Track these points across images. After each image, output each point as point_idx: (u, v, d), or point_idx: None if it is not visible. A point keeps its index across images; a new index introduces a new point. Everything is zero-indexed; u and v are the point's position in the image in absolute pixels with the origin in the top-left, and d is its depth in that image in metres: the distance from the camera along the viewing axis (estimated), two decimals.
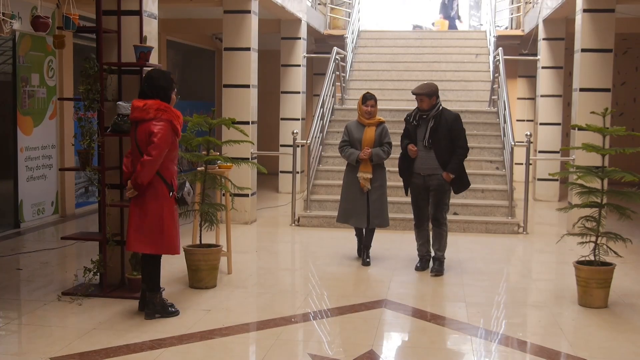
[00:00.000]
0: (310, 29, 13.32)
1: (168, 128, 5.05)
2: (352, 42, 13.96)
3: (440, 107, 6.77)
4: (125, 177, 5.25)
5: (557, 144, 12.17)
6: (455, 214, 9.42)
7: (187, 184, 5.38)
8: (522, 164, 10.23)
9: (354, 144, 7.14)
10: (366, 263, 7.22)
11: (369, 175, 7.09)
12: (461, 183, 6.83)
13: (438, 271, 6.80)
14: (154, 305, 5.22)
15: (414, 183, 6.81)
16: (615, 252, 5.80)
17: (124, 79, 6.01)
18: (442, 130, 6.65)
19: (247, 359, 4.77)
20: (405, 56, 13.99)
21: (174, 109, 5.16)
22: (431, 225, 6.91)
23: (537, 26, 12.33)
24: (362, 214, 7.13)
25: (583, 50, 8.95)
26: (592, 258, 5.78)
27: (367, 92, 7.42)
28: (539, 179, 12.23)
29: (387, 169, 7.37)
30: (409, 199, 9.79)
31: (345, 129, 7.30)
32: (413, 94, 6.86)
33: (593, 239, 5.80)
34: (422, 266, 6.99)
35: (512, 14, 15.50)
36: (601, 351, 4.76)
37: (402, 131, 6.99)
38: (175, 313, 5.28)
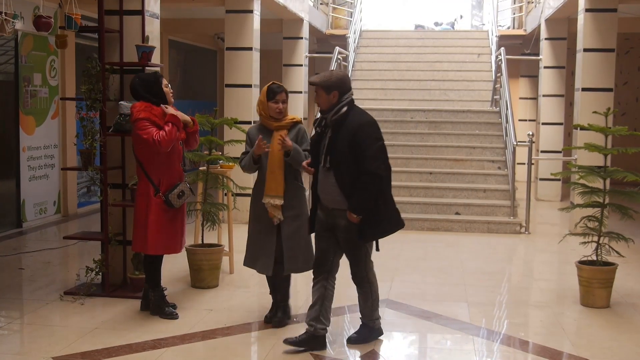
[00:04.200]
0: (312, 29, 13.32)
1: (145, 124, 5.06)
2: (354, 42, 13.95)
3: (344, 109, 4.49)
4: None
5: (559, 144, 12.16)
6: (457, 213, 9.42)
7: (181, 186, 5.24)
8: (524, 163, 10.21)
9: (258, 158, 5.01)
10: (280, 323, 5.12)
11: (279, 201, 4.88)
12: (373, 228, 4.50)
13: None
14: (151, 301, 5.28)
15: (318, 216, 4.71)
16: (617, 252, 5.79)
17: (126, 79, 6.00)
18: (342, 145, 4.43)
19: (249, 358, 4.76)
20: (407, 56, 13.99)
21: (154, 108, 5.13)
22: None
23: (539, 26, 12.32)
24: (270, 256, 5.00)
25: (585, 50, 8.93)
26: (594, 258, 5.78)
27: (274, 83, 5.21)
28: (541, 179, 12.22)
29: None
30: (409, 198, 9.94)
31: (247, 136, 5.18)
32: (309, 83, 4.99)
33: (595, 238, 5.79)
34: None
35: (514, 14, 15.49)
36: (603, 351, 4.75)
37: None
38: (172, 316, 5.22)
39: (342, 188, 4.44)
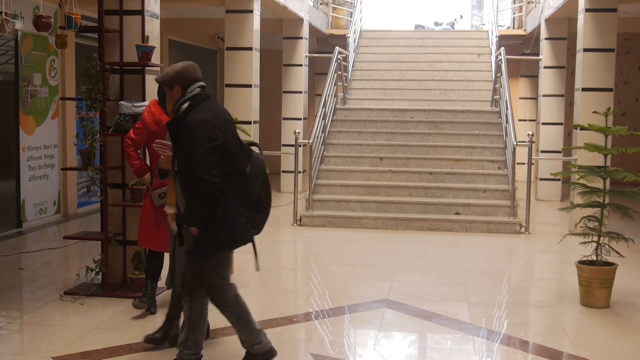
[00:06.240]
0: (312, 29, 13.32)
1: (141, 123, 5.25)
2: (354, 42, 13.95)
3: (185, 106, 3.96)
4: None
5: (559, 144, 12.16)
6: (457, 213, 9.42)
7: (165, 188, 5.26)
8: (524, 163, 10.22)
9: None
10: (156, 341, 4.58)
11: (171, 210, 4.27)
12: (206, 243, 3.92)
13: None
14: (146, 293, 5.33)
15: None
16: (617, 252, 5.79)
17: (126, 79, 6.00)
18: (180, 148, 3.93)
19: None
20: (407, 56, 14.00)
21: (159, 111, 5.16)
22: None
23: (539, 26, 12.32)
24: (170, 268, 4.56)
25: (585, 50, 8.94)
26: (594, 258, 5.78)
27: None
28: (541, 179, 12.23)
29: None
30: (409, 198, 9.95)
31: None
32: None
33: (595, 238, 5.79)
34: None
35: (514, 14, 15.50)
36: (603, 351, 4.75)
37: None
38: (139, 307, 5.22)
39: (184, 193, 3.96)
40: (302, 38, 12.40)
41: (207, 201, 3.82)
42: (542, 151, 12.21)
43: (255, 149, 4.22)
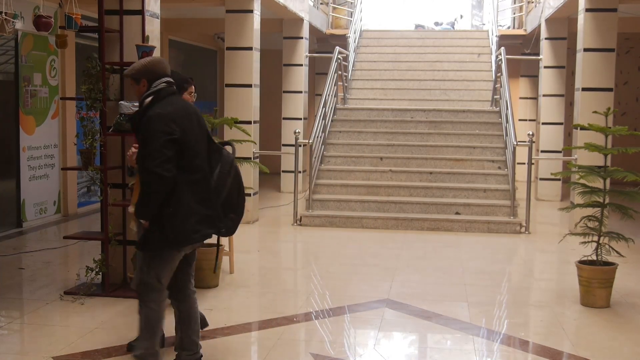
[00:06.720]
0: (313, 29, 13.32)
1: None
2: (354, 42, 13.95)
3: (148, 100, 3.93)
4: None
5: (560, 144, 12.16)
6: (457, 213, 9.42)
7: None
8: (524, 163, 10.22)
9: None
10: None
11: (133, 209, 4.10)
12: (154, 237, 3.84)
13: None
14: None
15: None
16: (617, 252, 5.79)
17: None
18: (140, 140, 3.93)
19: (249, 358, 4.77)
20: (408, 56, 14.00)
21: None
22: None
23: (539, 26, 12.32)
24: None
25: (585, 49, 8.93)
26: (594, 258, 5.78)
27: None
28: (541, 179, 12.23)
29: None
30: (409, 198, 9.95)
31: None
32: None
33: (595, 238, 5.79)
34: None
35: (514, 14, 15.50)
36: (603, 351, 4.75)
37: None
38: None
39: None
40: (302, 38, 12.40)
41: (158, 195, 3.75)
42: (542, 151, 12.21)
43: (228, 148, 4.18)
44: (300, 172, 10.45)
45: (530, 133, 9.49)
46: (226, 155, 4.09)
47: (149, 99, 3.91)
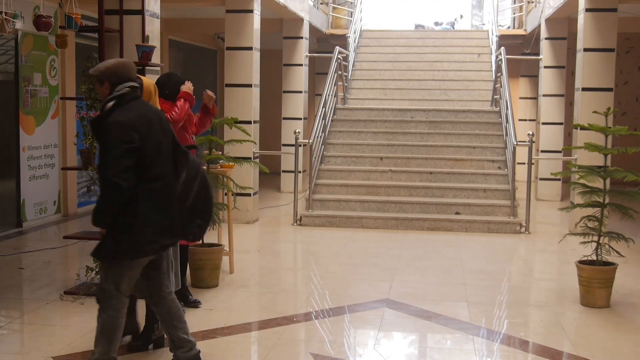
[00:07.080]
0: (313, 29, 13.32)
1: None
2: (354, 42, 13.95)
3: (110, 104, 3.80)
4: None
5: (560, 144, 12.16)
6: (457, 213, 9.42)
7: None
8: (524, 163, 10.23)
9: None
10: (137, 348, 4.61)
11: None
12: (109, 246, 3.75)
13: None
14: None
15: None
16: (617, 252, 5.79)
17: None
18: (100, 146, 3.83)
19: (249, 358, 4.77)
20: (408, 55, 13.99)
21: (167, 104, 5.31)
22: None
23: (539, 26, 12.32)
24: None
25: (585, 49, 8.93)
26: (594, 258, 5.78)
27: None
28: (541, 179, 12.23)
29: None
30: (409, 198, 9.95)
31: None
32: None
33: (595, 238, 5.79)
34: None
35: (514, 14, 15.49)
36: (603, 351, 4.75)
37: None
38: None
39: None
40: (302, 38, 12.40)
41: (114, 204, 3.66)
42: (542, 151, 12.21)
43: (193, 151, 4.17)
44: (300, 172, 10.45)
45: (530, 133, 9.49)
46: (193, 160, 4.04)
47: (111, 103, 3.78)
